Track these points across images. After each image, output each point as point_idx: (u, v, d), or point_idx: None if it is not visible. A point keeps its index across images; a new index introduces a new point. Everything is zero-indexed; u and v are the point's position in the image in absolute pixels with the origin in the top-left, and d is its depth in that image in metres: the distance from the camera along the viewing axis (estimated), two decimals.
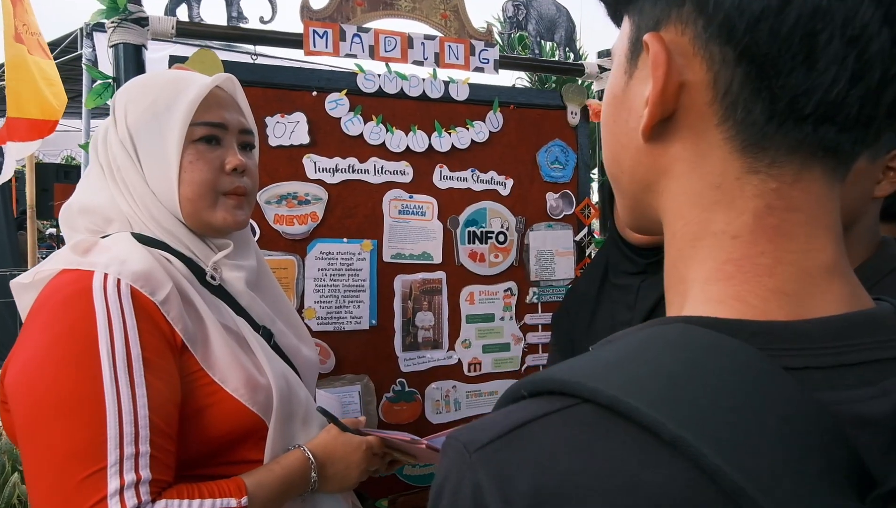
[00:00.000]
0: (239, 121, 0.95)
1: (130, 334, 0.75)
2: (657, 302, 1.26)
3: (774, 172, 0.36)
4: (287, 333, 1.02)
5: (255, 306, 0.96)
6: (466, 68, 1.70)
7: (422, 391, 1.66)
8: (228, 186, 0.91)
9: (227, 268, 0.93)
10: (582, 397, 0.32)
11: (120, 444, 0.69)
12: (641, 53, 0.40)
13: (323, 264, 1.56)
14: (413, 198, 1.65)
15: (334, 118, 1.58)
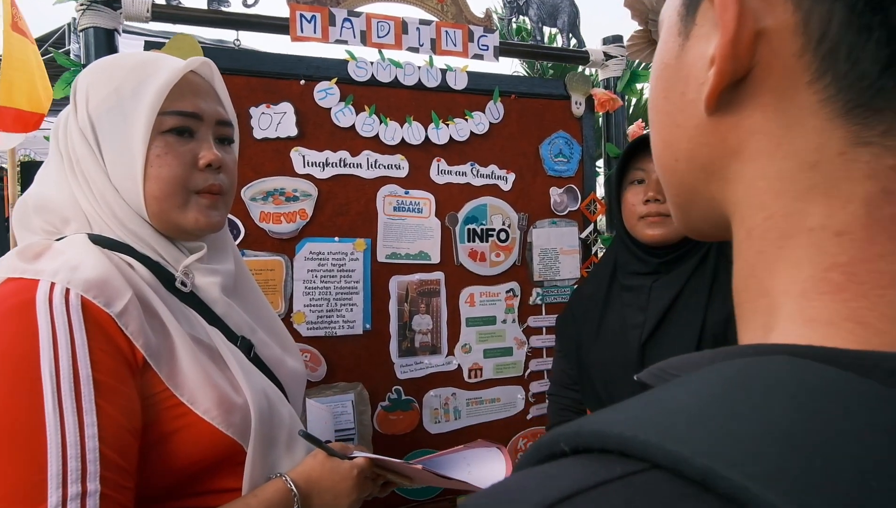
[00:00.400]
0: (216, 111, 0.83)
1: (79, 352, 0.64)
2: (671, 303, 1.16)
3: (893, 144, 0.26)
4: (269, 343, 0.91)
5: (233, 314, 0.85)
6: (465, 56, 1.60)
7: (419, 399, 1.56)
8: (201, 184, 0.80)
9: (199, 273, 0.82)
10: (652, 461, 0.22)
11: (63, 483, 0.59)
12: (701, 4, 0.30)
13: (313, 265, 1.46)
14: (409, 194, 1.55)
15: (324, 109, 1.47)
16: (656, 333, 1.16)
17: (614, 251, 1.31)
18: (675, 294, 1.16)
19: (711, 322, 1.12)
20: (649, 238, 1.17)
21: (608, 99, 1.73)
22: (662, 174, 0.38)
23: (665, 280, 1.18)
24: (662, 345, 1.14)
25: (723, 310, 1.12)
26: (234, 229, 1.39)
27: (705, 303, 1.14)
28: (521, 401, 1.66)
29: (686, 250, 1.17)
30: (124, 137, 0.77)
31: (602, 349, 1.23)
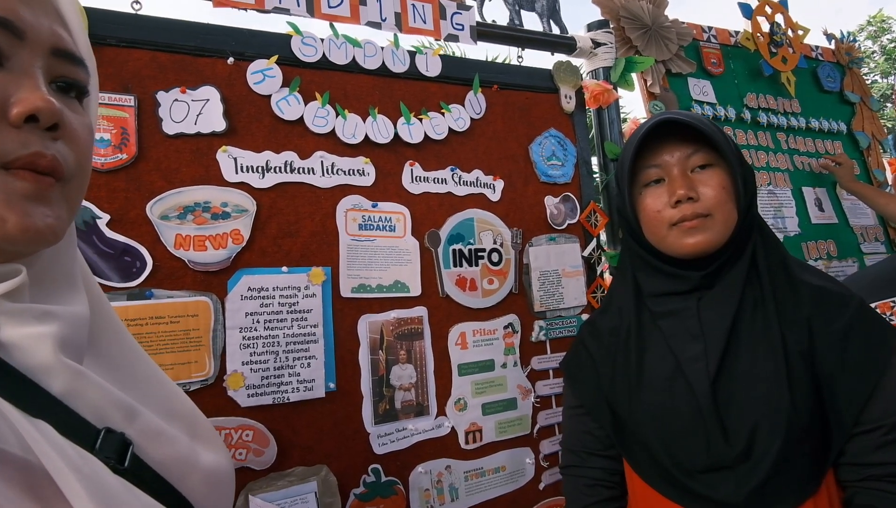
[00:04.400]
0: (53, 31, 0.45)
1: None
2: (735, 319, 0.86)
3: None
4: (165, 433, 0.50)
5: (86, 390, 0.42)
6: (437, 35, 1.29)
7: (404, 479, 1.16)
8: (16, 151, 0.41)
9: (11, 321, 0.40)
10: None
11: None
12: None
13: (253, 306, 1.05)
14: (377, 207, 1.19)
15: (261, 96, 1.10)
16: (725, 362, 0.85)
17: (631, 273, 0.98)
18: (734, 310, 0.86)
19: (793, 340, 0.83)
20: (690, 248, 0.86)
21: (602, 91, 1.46)
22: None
23: (713, 297, 0.88)
24: (740, 376, 0.83)
25: (800, 320, 0.83)
26: (135, 261, 0.97)
27: (775, 314, 0.84)
28: (531, 467, 1.30)
29: (729, 255, 0.88)
30: None
31: (653, 399, 0.89)
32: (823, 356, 0.81)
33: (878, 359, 0.79)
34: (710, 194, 0.85)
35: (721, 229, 0.85)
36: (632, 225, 0.93)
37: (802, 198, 1.95)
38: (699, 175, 0.87)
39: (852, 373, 0.79)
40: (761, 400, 0.80)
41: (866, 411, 0.79)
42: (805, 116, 2.07)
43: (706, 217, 0.85)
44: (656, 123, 0.87)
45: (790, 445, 0.78)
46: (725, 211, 0.85)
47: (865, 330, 0.81)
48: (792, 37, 2.09)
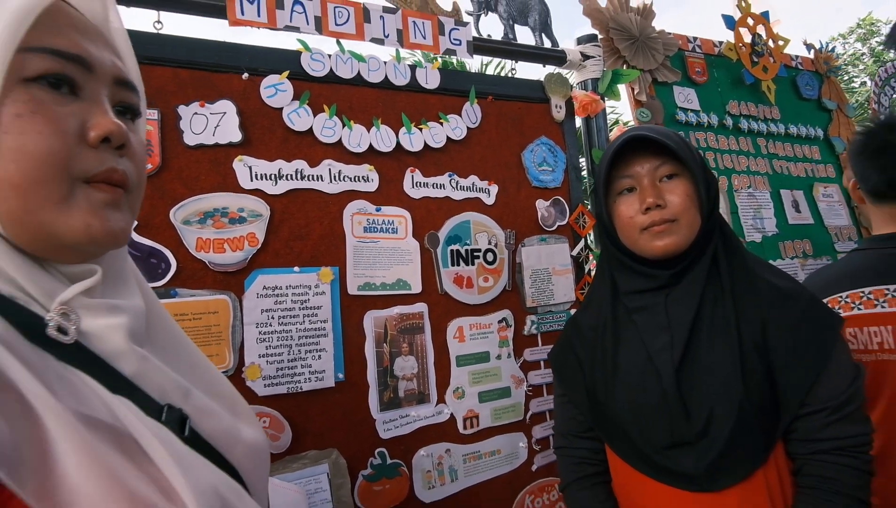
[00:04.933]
0: (113, 63, 0.54)
1: None
2: (695, 316, 0.96)
3: None
4: (213, 410, 0.59)
5: (151, 373, 0.53)
6: (436, 50, 1.38)
7: (408, 461, 1.26)
8: (95, 168, 0.50)
9: (89, 313, 0.50)
10: None
11: None
12: None
13: (268, 304, 1.14)
14: (381, 211, 1.29)
15: (274, 109, 1.19)
16: (688, 352, 0.95)
17: (608, 273, 1.08)
18: (696, 304, 0.96)
19: (748, 331, 0.93)
20: (659, 250, 0.96)
21: (590, 101, 1.56)
22: None
23: (679, 292, 0.98)
24: (699, 365, 0.94)
25: (754, 315, 0.93)
26: (161, 262, 1.06)
27: (733, 310, 0.95)
28: (524, 450, 1.40)
29: (694, 255, 0.98)
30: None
31: (626, 386, 0.99)
32: (776, 345, 0.91)
33: (824, 348, 0.89)
34: (676, 201, 0.95)
35: (686, 232, 0.95)
36: (608, 229, 1.03)
37: (780, 200, 2.06)
38: (666, 184, 0.97)
39: (801, 361, 0.90)
40: (718, 386, 0.90)
41: (813, 394, 0.89)
42: (784, 122, 2.18)
43: (673, 222, 0.95)
44: (628, 138, 0.97)
45: (742, 425, 0.88)
46: (690, 216, 0.95)
47: (814, 323, 0.92)
48: (773, 47, 2.20)
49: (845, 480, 0.86)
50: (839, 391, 0.89)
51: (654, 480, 0.96)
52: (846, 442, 0.88)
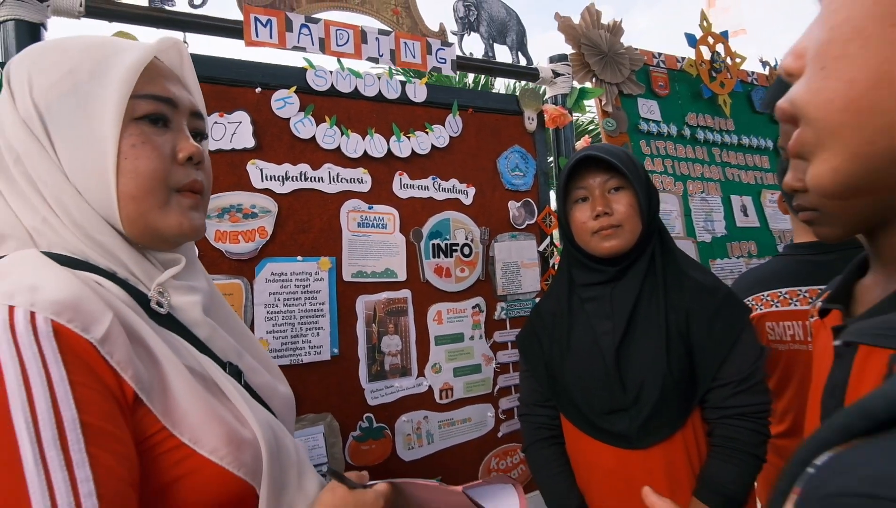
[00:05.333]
0: (189, 100, 0.73)
1: (59, 390, 0.51)
2: (634, 306, 1.17)
3: None
4: (258, 368, 0.79)
5: (217, 338, 0.73)
6: (423, 68, 1.57)
7: (391, 425, 1.47)
8: (183, 180, 0.69)
9: (176, 291, 0.70)
10: None
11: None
12: None
13: (275, 288, 1.34)
14: (373, 209, 1.48)
15: (282, 119, 1.37)
16: (626, 336, 1.17)
17: (567, 269, 1.30)
18: (635, 297, 1.17)
19: (674, 319, 1.15)
20: (606, 250, 1.17)
21: (559, 115, 1.76)
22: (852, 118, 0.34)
23: (622, 286, 1.20)
24: (634, 346, 1.15)
25: (680, 304, 1.14)
26: None
27: (664, 301, 1.16)
28: (492, 419, 1.62)
29: (636, 255, 1.20)
30: (86, 126, 0.64)
31: (576, 363, 1.21)
32: (696, 330, 1.13)
33: (733, 334, 1.11)
34: (621, 210, 1.16)
35: (629, 236, 1.16)
36: (566, 232, 1.24)
37: (730, 204, 2.29)
38: (613, 195, 1.18)
39: (714, 344, 1.12)
40: (648, 364, 1.12)
41: (722, 370, 1.11)
42: (738, 133, 2.41)
43: (618, 227, 1.16)
44: (582, 157, 1.18)
45: (665, 395, 1.10)
46: (632, 223, 1.16)
47: (726, 313, 1.13)
48: (730, 64, 2.42)
49: (745, 440, 1.09)
50: (743, 369, 1.11)
51: (596, 440, 1.18)
52: (748, 409, 1.10)
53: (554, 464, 1.27)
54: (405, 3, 1.58)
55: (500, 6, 1.79)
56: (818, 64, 0.36)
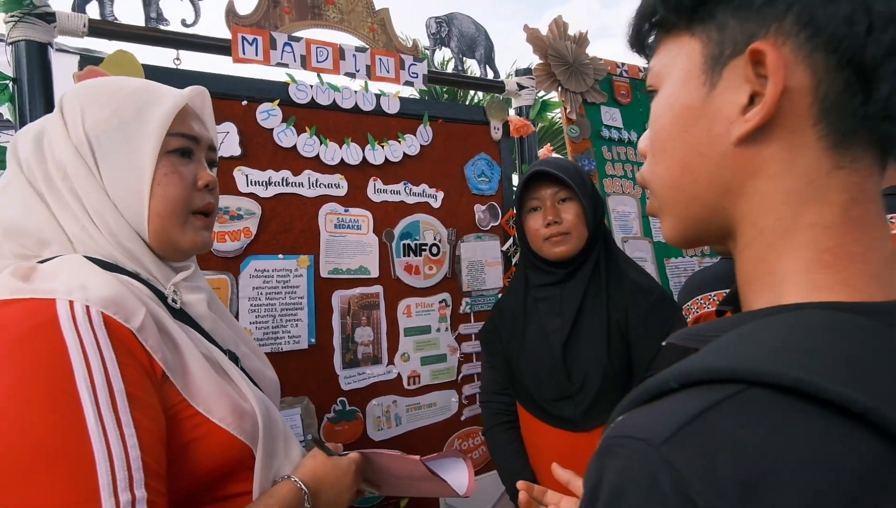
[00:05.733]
0: (207, 136, 0.89)
1: (110, 367, 0.66)
2: (580, 305, 1.33)
3: (857, 167, 0.41)
4: (251, 355, 0.95)
5: (219, 329, 0.88)
6: (397, 82, 1.70)
7: (363, 408, 1.62)
8: (199, 203, 0.85)
9: (186, 290, 0.85)
10: (751, 381, 0.34)
11: (114, 492, 0.61)
12: (730, 63, 0.42)
13: (258, 283, 1.48)
14: (349, 212, 1.62)
15: (266, 129, 1.51)
16: (572, 332, 1.33)
17: (523, 270, 1.46)
18: (581, 297, 1.34)
19: (615, 317, 1.31)
20: (556, 255, 1.34)
21: (522, 125, 1.92)
22: (673, 194, 0.49)
23: (571, 287, 1.36)
24: (580, 341, 1.32)
25: (620, 303, 1.31)
26: None
27: (606, 301, 1.32)
28: (455, 404, 1.78)
29: (583, 260, 1.36)
30: (128, 156, 0.79)
31: (529, 356, 1.38)
32: (633, 326, 1.30)
33: (664, 330, 1.28)
34: (569, 218, 1.32)
35: (576, 242, 1.32)
36: (522, 237, 1.40)
37: None
38: (562, 206, 1.34)
39: (648, 338, 1.28)
40: (591, 357, 1.28)
41: (655, 361, 1.28)
42: None
43: (566, 234, 1.32)
44: (535, 172, 1.33)
45: (606, 383, 1.26)
46: (579, 230, 1.32)
47: (660, 310, 1.30)
48: None
49: None
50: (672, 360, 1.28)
51: (546, 424, 1.34)
52: None
53: (510, 446, 1.44)
54: (381, 21, 1.71)
55: (470, 23, 1.93)
56: (651, 153, 0.51)
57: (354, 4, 1.66)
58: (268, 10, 1.51)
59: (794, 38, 0.40)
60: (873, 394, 0.32)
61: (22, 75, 1.20)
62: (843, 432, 0.32)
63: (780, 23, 0.40)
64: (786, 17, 0.40)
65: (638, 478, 0.33)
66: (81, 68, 1.26)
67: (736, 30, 0.42)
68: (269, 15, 1.52)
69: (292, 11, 1.55)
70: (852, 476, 0.31)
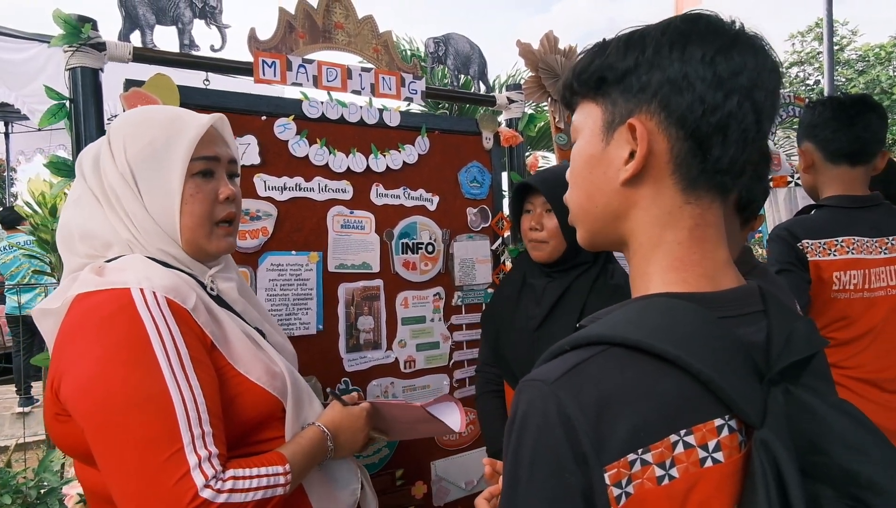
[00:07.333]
0: (227, 153, 1.07)
1: (176, 337, 0.87)
2: (558, 299, 1.53)
3: (699, 203, 0.62)
4: (273, 332, 1.17)
5: (248, 311, 1.10)
6: (398, 98, 1.91)
7: (364, 388, 1.83)
8: (221, 214, 1.04)
9: (220, 280, 1.06)
10: (612, 343, 0.55)
11: (189, 427, 0.82)
12: (618, 129, 0.62)
13: (273, 276, 1.69)
14: (354, 213, 1.83)
15: (282, 141, 1.71)
16: (546, 321, 1.54)
17: (523, 263, 1.69)
18: (561, 292, 1.54)
19: (589, 313, 1.51)
20: (535, 258, 1.56)
21: (511, 135, 2.12)
22: (580, 214, 0.70)
23: (553, 285, 1.57)
24: (550, 330, 1.52)
25: (598, 305, 1.51)
26: None
27: (584, 299, 1.53)
28: (447, 387, 1.99)
29: (572, 263, 1.56)
30: (161, 180, 0.99)
31: (511, 336, 1.60)
32: None
33: None
34: (550, 227, 1.53)
35: (552, 250, 1.53)
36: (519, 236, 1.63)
37: None
38: (547, 215, 1.54)
39: None
40: None
41: None
42: None
43: (544, 243, 1.53)
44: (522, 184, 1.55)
45: None
46: (555, 240, 1.53)
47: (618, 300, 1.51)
48: None
49: None
50: None
51: None
52: None
53: (495, 412, 1.67)
54: (384, 43, 1.91)
55: (465, 42, 2.13)
56: (570, 183, 0.72)
57: (360, 28, 1.86)
58: (284, 35, 1.72)
59: (657, 116, 0.60)
60: (683, 348, 0.53)
61: (78, 97, 1.41)
62: (661, 372, 0.53)
63: (649, 105, 0.60)
64: (651, 102, 0.60)
65: (537, 405, 0.54)
66: (126, 90, 1.47)
67: (622, 106, 0.62)
68: (285, 39, 1.72)
69: (306, 36, 1.76)
70: (668, 399, 0.52)
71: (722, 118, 0.57)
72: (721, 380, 0.52)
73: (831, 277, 1.60)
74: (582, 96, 0.68)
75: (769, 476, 0.49)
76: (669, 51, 0.58)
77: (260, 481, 0.90)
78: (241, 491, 0.86)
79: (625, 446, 0.50)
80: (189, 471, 0.80)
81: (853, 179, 1.66)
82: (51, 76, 4.14)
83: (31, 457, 3.46)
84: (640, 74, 0.60)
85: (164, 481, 0.79)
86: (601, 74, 0.63)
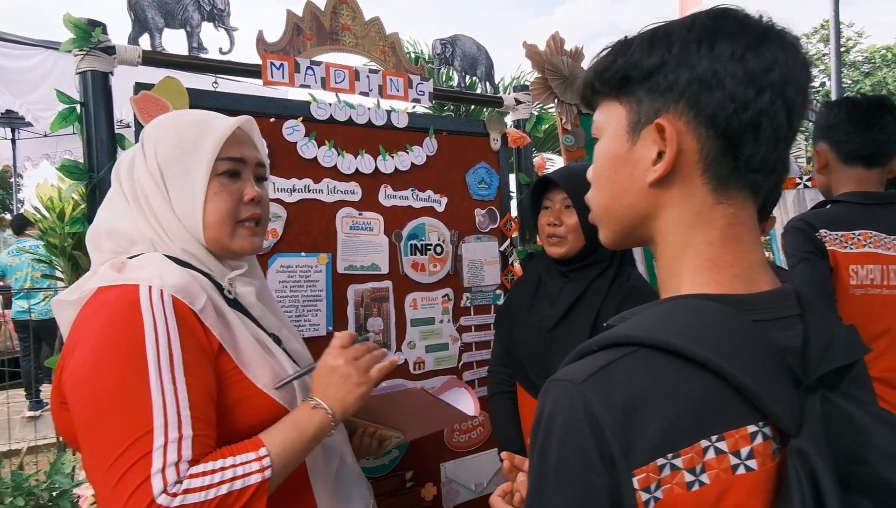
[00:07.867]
0: (255, 156, 1.08)
1: (172, 339, 0.87)
2: (575, 300, 1.53)
3: (732, 202, 0.60)
4: (291, 339, 1.16)
5: (265, 316, 1.09)
6: (405, 99, 1.91)
7: None
8: (245, 214, 1.04)
9: (239, 284, 1.05)
10: (641, 344, 0.54)
11: (165, 431, 0.81)
12: (645, 128, 0.61)
13: (283, 277, 1.69)
14: (362, 215, 1.83)
15: (291, 143, 1.72)
16: (561, 322, 1.53)
17: (539, 264, 1.69)
18: (579, 293, 1.54)
19: (604, 315, 1.51)
20: (553, 254, 1.55)
21: (519, 137, 2.12)
22: (605, 215, 0.69)
23: (570, 284, 1.57)
24: (564, 332, 1.52)
25: (613, 307, 1.50)
26: None
27: (601, 301, 1.52)
28: None
29: (588, 262, 1.56)
30: (188, 180, 1.00)
31: (525, 337, 1.59)
32: None
33: None
34: (570, 223, 1.52)
35: (571, 246, 1.52)
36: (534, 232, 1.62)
37: None
38: (567, 211, 1.54)
39: None
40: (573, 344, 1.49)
41: None
42: None
43: (563, 238, 1.53)
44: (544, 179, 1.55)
45: None
46: (574, 237, 1.52)
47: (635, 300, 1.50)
48: None
49: None
50: None
51: (534, 398, 1.55)
52: None
53: (507, 413, 1.67)
54: (391, 45, 1.92)
55: (472, 43, 2.14)
56: (593, 183, 0.71)
57: (368, 30, 1.86)
58: (292, 38, 1.72)
59: (685, 115, 0.58)
60: (714, 351, 0.52)
61: (88, 100, 1.42)
62: (691, 375, 0.52)
63: (677, 104, 0.59)
64: (679, 101, 0.58)
65: (563, 405, 0.53)
66: (136, 93, 1.47)
67: (648, 105, 0.61)
68: (293, 42, 1.72)
69: (314, 38, 1.76)
70: (698, 403, 0.52)
71: (753, 116, 0.56)
72: (755, 385, 0.51)
73: (848, 270, 1.59)
74: (604, 95, 0.67)
75: (805, 486, 0.48)
76: (697, 48, 0.57)
77: (224, 474, 0.84)
78: (196, 490, 0.81)
79: (654, 450, 0.50)
80: (149, 477, 0.79)
81: (868, 179, 1.65)
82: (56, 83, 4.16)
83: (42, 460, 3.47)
84: (666, 72, 0.58)
85: (126, 485, 0.78)
86: (625, 73, 0.62)
